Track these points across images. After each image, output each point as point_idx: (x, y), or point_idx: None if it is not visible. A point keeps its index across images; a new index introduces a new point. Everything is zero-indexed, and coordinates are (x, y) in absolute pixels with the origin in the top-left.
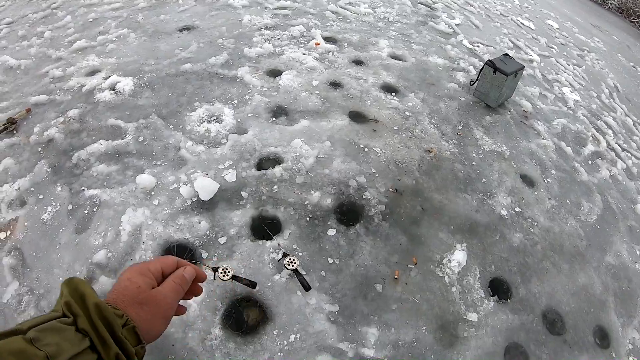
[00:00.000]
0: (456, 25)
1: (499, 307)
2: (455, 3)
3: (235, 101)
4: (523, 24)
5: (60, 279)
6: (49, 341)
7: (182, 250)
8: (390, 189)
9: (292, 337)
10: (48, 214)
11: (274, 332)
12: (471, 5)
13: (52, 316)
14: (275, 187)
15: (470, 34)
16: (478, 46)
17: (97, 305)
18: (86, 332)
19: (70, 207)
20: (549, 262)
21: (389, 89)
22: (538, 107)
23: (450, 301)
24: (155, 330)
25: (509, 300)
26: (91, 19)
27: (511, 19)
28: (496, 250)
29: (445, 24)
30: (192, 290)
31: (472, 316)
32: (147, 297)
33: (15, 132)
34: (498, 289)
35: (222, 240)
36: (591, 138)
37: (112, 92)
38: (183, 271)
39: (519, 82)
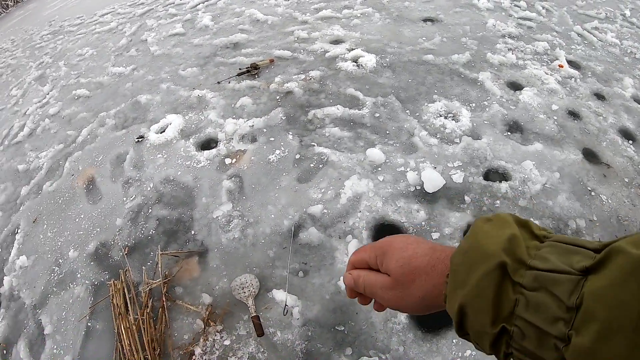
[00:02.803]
0: None
1: None
2: None
3: (474, 104)
4: None
5: (272, 216)
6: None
7: (394, 232)
8: None
9: (469, 352)
10: (275, 155)
11: (454, 341)
12: None
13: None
14: (498, 202)
15: None
16: None
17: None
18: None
19: (297, 156)
20: None
21: (626, 134)
22: None
23: None
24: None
25: None
26: None
27: None
28: None
29: None
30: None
31: None
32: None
33: (257, 76)
34: None
35: (435, 235)
36: None
37: (355, 64)
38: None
39: None
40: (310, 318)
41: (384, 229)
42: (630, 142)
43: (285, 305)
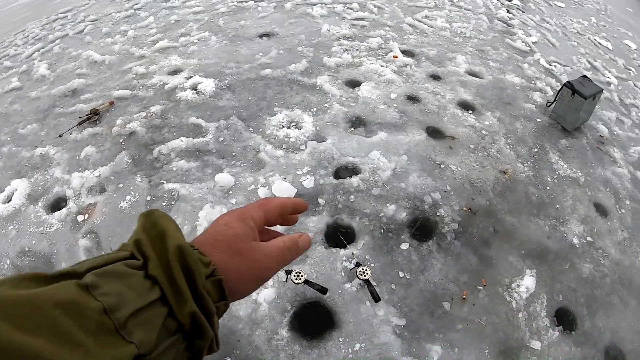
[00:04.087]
0: (533, 43)
1: (563, 337)
2: (531, 20)
3: (315, 109)
4: (600, 44)
5: None
6: (110, 289)
7: None
8: (464, 208)
9: (357, 345)
10: (126, 202)
11: (340, 339)
12: (548, 23)
13: (118, 256)
14: (352, 196)
15: (547, 52)
16: (555, 66)
17: (179, 248)
18: (157, 280)
19: (148, 197)
20: (616, 297)
21: (465, 106)
22: (614, 132)
23: (515, 327)
24: (245, 288)
25: (573, 332)
26: (173, 21)
27: (588, 37)
28: (565, 279)
29: (522, 42)
30: None
31: (536, 344)
32: (244, 248)
33: (98, 122)
34: (564, 319)
35: None
36: None
37: (194, 91)
38: (299, 238)
39: (596, 106)
40: None
41: None
42: (470, 111)
43: None
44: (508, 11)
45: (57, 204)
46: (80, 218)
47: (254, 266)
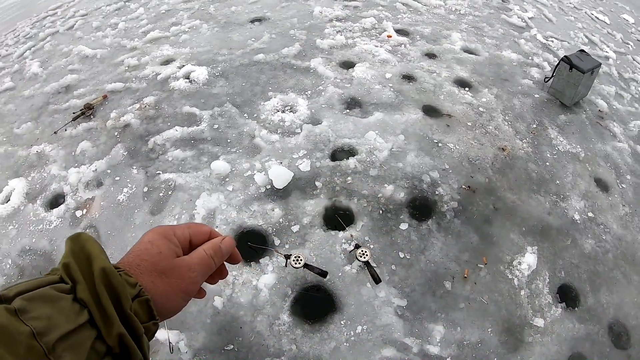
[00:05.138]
0: (529, 18)
1: (566, 314)
2: None
3: (309, 92)
4: (597, 18)
5: None
6: (39, 313)
7: (255, 236)
8: (464, 186)
9: (359, 328)
10: (124, 195)
11: (342, 322)
12: None
13: (47, 280)
14: (349, 178)
15: (544, 27)
16: (552, 41)
17: (103, 271)
18: (85, 303)
19: (145, 189)
20: (619, 272)
21: (462, 83)
22: (614, 107)
23: (517, 304)
24: (173, 306)
25: (576, 309)
26: (163, 11)
27: (585, 12)
28: (567, 255)
29: (518, 17)
30: (219, 271)
31: (539, 322)
32: (168, 266)
33: (92, 117)
34: (566, 295)
35: (295, 228)
36: None
37: (187, 80)
38: (220, 242)
39: (595, 80)
40: (198, 347)
41: (244, 237)
42: (467, 89)
43: (169, 342)
44: None
45: (56, 201)
46: (78, 213)
47: (179, 283)
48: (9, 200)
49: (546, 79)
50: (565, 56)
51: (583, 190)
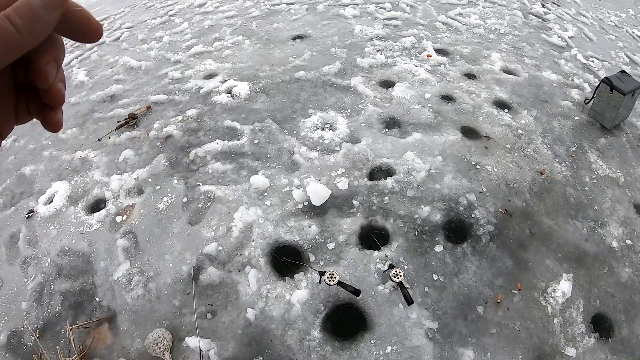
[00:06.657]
0: (569, 37)
1: (598, 345)
2: (567, 14)
3: (349, 110)
4: (639, 37)
5: (170, 264)
6: None
7: (290, 252)
8: (500, 210)
9: (389, 348)
10: (163, 203)
11: (372, 342)
12: (584, 16)
13: None
14: (386, 198)
15: (584, 47)
16: (593, 61)
17: None
18: None
19: (185, 199)
20: None
21: (501, 104)
22: None
23: (550, 332)
24: None
25: (609, 339)
26: (207, 26)
27: (626, 30)
28: (603, 283)
29: (558, 37)
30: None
31: (571, 351)
32: None
33: (135, 126)
34: (600, 325)
35: (331, 245)
36: None
37: (229, 95)
38: None
39: (636, 102)
40: (227, 357)
41: (279, 252)
42: (506, 110)
43: (200, 351)
44: (543, 5)
45: (97, 205)
46: (118, 219)
47: None
48: (52, 201)
49: (586, 101)
50: (605, 77)
51: (622, 216)
